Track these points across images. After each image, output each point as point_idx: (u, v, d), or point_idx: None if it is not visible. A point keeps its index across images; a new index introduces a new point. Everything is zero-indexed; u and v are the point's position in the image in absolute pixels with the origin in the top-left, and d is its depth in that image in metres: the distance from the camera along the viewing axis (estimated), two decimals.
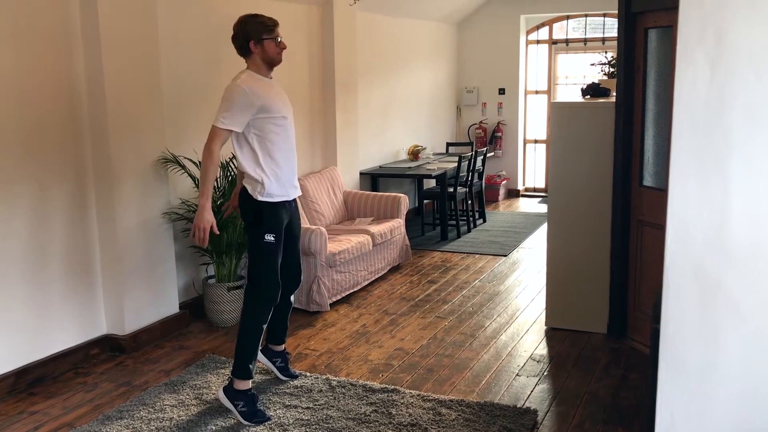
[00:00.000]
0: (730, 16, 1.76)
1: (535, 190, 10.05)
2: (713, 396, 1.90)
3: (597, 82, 4.97)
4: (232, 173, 4.80)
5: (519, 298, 5.42)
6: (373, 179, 7.47)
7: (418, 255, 6.73)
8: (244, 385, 3.51)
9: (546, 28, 9.71)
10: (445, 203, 7.37)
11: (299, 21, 6.18)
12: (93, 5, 4.06)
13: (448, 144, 9.41)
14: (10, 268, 3.85)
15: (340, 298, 5.33)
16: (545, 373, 4.04)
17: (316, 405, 3.61)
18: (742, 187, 1.80)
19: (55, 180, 4.06)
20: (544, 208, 8.59)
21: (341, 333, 4.71)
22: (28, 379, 3.94)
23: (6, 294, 3.83)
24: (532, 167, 10.09)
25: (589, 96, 4.86)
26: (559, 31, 9.69)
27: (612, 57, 5.49)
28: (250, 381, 3.53)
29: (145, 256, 4.49)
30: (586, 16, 9.38)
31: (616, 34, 4.37)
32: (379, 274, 5.91)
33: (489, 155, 9.35)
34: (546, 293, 4.75)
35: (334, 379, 3.89)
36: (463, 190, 7.64)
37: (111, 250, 4.33)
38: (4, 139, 3.77)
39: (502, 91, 9.70)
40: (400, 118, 8.34)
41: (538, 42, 9.77)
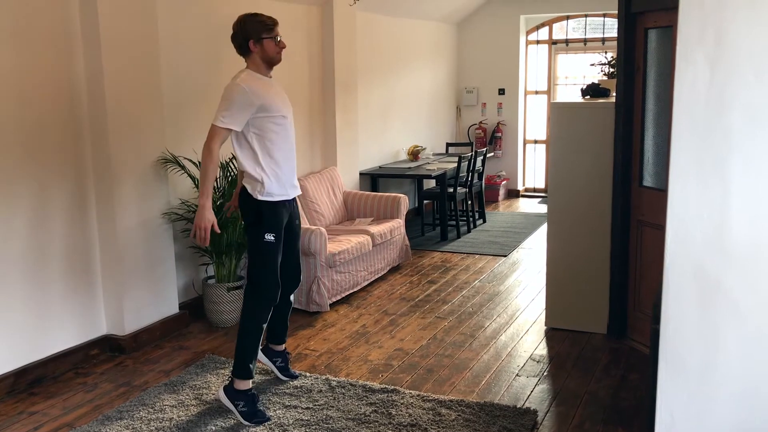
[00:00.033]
0: (730, 16, 1.75)
1: (534, 190, 10.05)
2: (713, 396, 1.90)
3: (597, 82, 4.97)
4: (232, 173, 4.80)
5: (519, 298, 5.42)
6: (373, 179, 7.47)
7: (418, 255, 6.73)
8: (245, 385, 3.51)
9: (546, 29, 9.71)
10: (445, 203, 7.37)
11: (299, 21, 6.18)
12: (93, 5, 4.06)
13: (448, 144, 9.41)
14: (10, 268, 3.85)
15: (339, 298, 5.33)
16: (545, 373, 4.04)
17: (315, 405, 3.61)
18: (742, 187, 1.80)
19: (55, 180, 4.06)
20: (543, 209, 8.59)
21: (341, 333, 4.71)
22: (27, 380, 3.94)
23: (6, 294, 3.83)
24: (532, 167, 10.09)
25: (588, 96, 4.86)
26: (559, 31, 9.69)
27: (612, 57, 5.49)
28: (251, 381, 3.53)
29: (145, 257, 4.49)
30: (586, 16, 9.38)
31: (616, 35, 4.37)
32: (379, 275, 5.91)
33: (489, 155, 9.35)
34: (546, 293, 4.74)
35: (333, 380, 3.89)
36: (463, 190, 7.64)
37: (111, 250, 4.33)
38: (4, 139, 3.77)
39: (501, 91, 9.70)
40: (400, 119, 8.34)
41: (538, 42, 9.78)
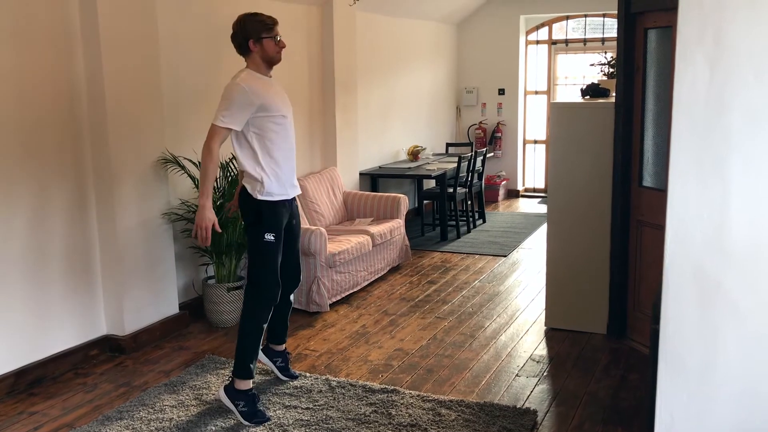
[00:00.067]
0: (730, 17, 1.75)
1: (534, 190, 10.05)
2: (713, 396, 1.90)
3: (596, 82, 4.97)
4: (232, 173, 4.80)
5: (519, 298, 5.42)
6: (373, 179, 7.47)
7: (418, 255, 6.73)
8: (245, 384, 3.51)
9: (546, 29, 9.71)
10: (445, 204, 7.37)
11: (299, 21, 6.18)
12: (93, 5, 4.06)
13: (448, 144, 9.41)
14: (10, 268, 3.85)
15: (339, 298, 5.33)
16: (545, 373, 4.04)
17: (315, 405, 3.61)
18: (742, 187, 1.80)
19: (55, 180, 4.06)
20: (543, 209, 8.59)
21: (341, 333, 4.71)
22: (27, 380, 3.94)
23: (6, 294, 3.83)
24: (532, 168, 10.09)
25: (588, 96, 4.86)
26: (559, 31, 9.69)
27: (611, 57, 5.49)
28: (251, 381, 3.53)
29: (144, 257, 4.49)
30: (586, 16, 9.39)
31: (616, 35, 4.37)
32: (379, 275, 5.91)
33: (489, 156, 9.35)
34: (546, 294, 4.74)
35: (333, 380, 3.89)
36: (463, 190, 7.64)
37: (111, 251, 4.33)
38: (4, 139, 3.77)
39: (501, 91, 9.70)
40: (400, 119, 8.34)
41: (538, 42, 9.78)
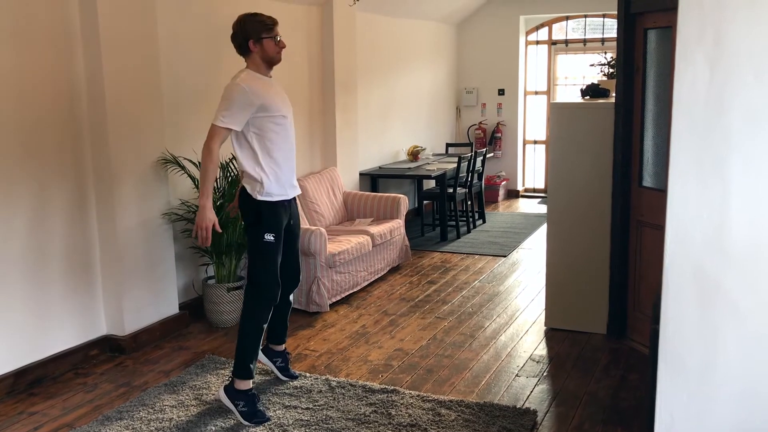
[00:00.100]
0: (730, 17, 1.75)
1: (534, 190, 10.05)
2: (713, 396, 1.90)
3: (596, 82, 4.97)
4: (232, 173, 4.80)
5: (518, 298, 5.42)
6: (373, 180, 7.47)
7: (418, 256, 6.73)
8: (245, 385, 3.51)
9: (545, 29, 9.71)
10: (445, 204, 7.37)
11: (299, 21, 6.18)
12: (92, 5, 4.06)
13: (448, 145, 9.41)
14: (10, 268, 3.85)
15: (339, 298, 5.33)
16: (545, 373, 4.04)
17: (315, 405, 3.61)
18: (742, 187, 1.80)
19: (55, 180, 4.06)
20: (543, 209, 8.59)
21: (341, 333, 4.71)
22: (27, 380, 3.94)
23: (6, 294, 3.83)
24: (532, 168, 10.09)
25: (588, 96, 4.86)
26: (559, 31, 9.70)
27: (611, 58, 5.49)
28: (251, 381, 3.53)
29: (144, 257, 4.49)
30: (586, 16, 9.39)
31: (616, 35, 4.37)
32: (379, 275, 5.91)
33: (488, 156, 9.35)
34: (545, 294, 4.75)
35: (333, 380, 3.89)
36: (463, 190, 7.64)
37: (111, 251, 4.33)
38: (4, 139, 3.77)
39: (501, 91, 9.70)
40: (400, 119, 8.34)
41: (538, 43, 9.78)
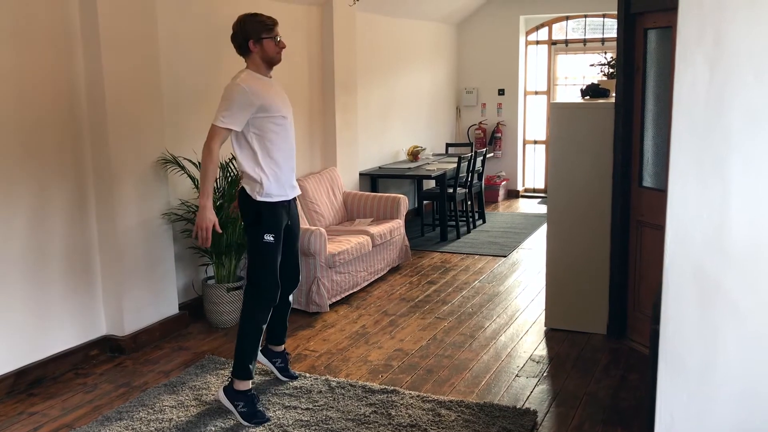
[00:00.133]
0: (730, 17, 1.75)
1: (534, 190, 10.05)
2: (713, 396, 1.90)
3: (596, 82, 4.97)
4: (232, 173, 4.80)
5: (518, 298, 5.42)
6: (373, 180, 7.47)
7: (418, 256, 6.73)
8: (245, 385, 3.51)
9: (545, 29, 9.71)
10: (445, 204, 7.37)
11: (299, 21, 6.18)
12: (92, 5, 4.06)
13: (448, 145, 9.41)
14: (10, 268, 3.84)
15: (339, 298, 5.33)
16: (545, 373, 4.04)
17: (315, 406, 3.61)
18: (742, 187, 1.80)
19: (55, 180, 4.06)
20: (543, 209, 8.59)
21: (341, 334, 4.71)
22: (27, 380, 3.94)
23: (6, 294, 3.83)
24: (532, 168, 10.09)
25: (588, 97, 4.86)
26: (559, 31, 9.70)
27: (611, 58, 5.49)
28: (250, 381, 3.53)
29: (144, 257, 4.49)
30: (586, 16, 9.39)
31: (616, 35, 4.37)
32: (379, 275, 5.91)
33: (488, 156, 9.35)
34: (545, 294, 4.74)
35: (333, 380, 3.89)
36: (463, 190, 7.64)
37: (111, 251, 4.33)
38: (4, 139, 3.77)
39: (501, 91, 9.70)
40: (400, 119, 8.34)
41: (538, 43, 9.78)
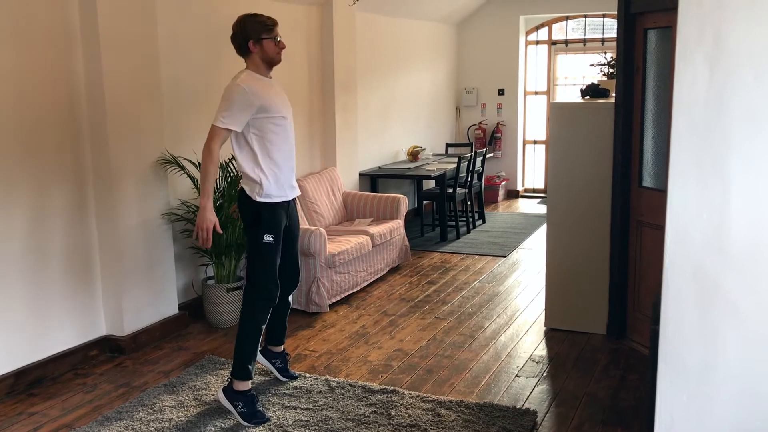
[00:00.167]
0: (730, 17, 1.75)
1: (534, 190, 10.05)
2: (713, 396, 1.90)
3: (596, 82, 4.97)
4: (232, 174, 4.80)
5: (518, 298, 5.42)
6: (373, 180, 7.47)
7: (418, 256, 6.73)
8: (244, 386, 3.50)
9: (545, 29, 9.71)
10: (445, 204, 7.37)
11: (299, 21, 6.18)
12: (92, 5, 4.06)
13: (448, 145, 9.41)
14: (10, 268, 3.84)
15: (339, 299, 5.33)
16: (544, 374, 4.04)
17: (315, 406, 3.61)
18: (742, 187, 1.80)
19: (54, 180, 4.06)
20: (543, 209, 8.59)
21: (340, 334, 4.71)
22: (27, 380, 3.94)
23: (5, 294, 3.82)
24: (532, 168, 10.09)
25: (588, 97, 4.86)
26: (559, 31, 9.69)
27: (611, 58, 5.49)
28: (250, 382, 3.53)
29: (144, 257, 4.49)
30: (586, 16, 9.39)
31: (616, 35, 4.37)
32: (379, 275, 5.91)
33: (488, 156, 9.34)
34: (545, 294, 4.74)
35: (333, 380, 3.89)
36: (463, 190, 7.64)
37: (110, 251, 4.33)
38: (4, 139, 3.77)
39: (501, 91, 9.70)
40: (400, 119, 8.34)
41: (538, 43, 9.78)
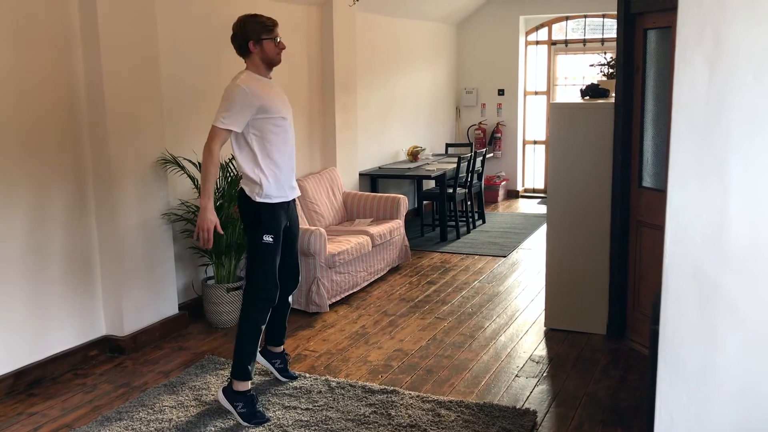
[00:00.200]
0: (729, 17, 1.75)
1: (534, 191, 10.05)
2: (712, 397, 1.90)
3: (596, 82, 4.97)
4: (232, 174, 4.80)
5: (518, 299, 5.42)
6: (373, 180, 7.47)
7: (418, 256, 6.73)
8: (244, 386, 3.50)
9: (545, 29, 9.71)
10: (445, 204, 7.37)
11: (298, 22, 6.18)
12: (92, 6, 4.06)
13: (448, 145, 9.41)
14: (10, 268, 3.84)
15: (339, 299, 5.33)
16: (544, 374, 4.04)
17: (315, 406, 3.61)
18: (741, 188, 1.80)
19: (54, 180, 4.06)
20: (543, 209, 8.59)
21: (340, 334, 4.71)
22: (27, 381, 3.94)
23: (5, 294, 3.82)
24: (532, 168, 10.09)
25: (588, 97, 4.85)
26: (559, 31, 9.69)
27: (611, 58, 5.49)
28: (250, 382, 3.53)
29: (144, 257, 4.49)
30: (585, 16, 9.39)
31: (615, 35, 4.37)
32: (379, 275, 5.91)
33: (488, 156, 9.34)
34: (545, 294, 4.74)
35: (333, 380, 3.89)
36: (463, 191, 7.64)
37: (110, 251, 4.33)
38: (4, 139, 3.77)
39: (501, 92, 9.70)
40: (400, 119, 8.34)
41: (538, 43, 9.78)
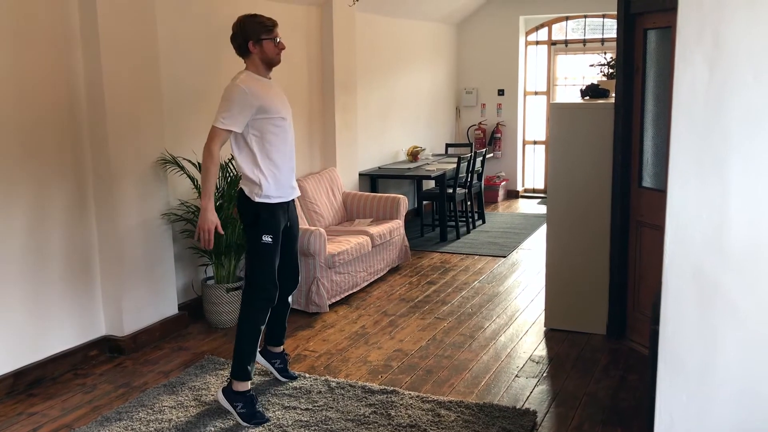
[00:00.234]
0: (729, 17, 1.75)
1: (534, 191, 10.05)
2: (712, 397, 1.90)
3: (596, 83, 4.97)
4: (232, 174, 4.80)
5: (518, 299, 5.42)
6: (373, 180, 7.47)
7: (417, 256, 6.73)
8: (243, 386, 3.50)
9: (545, 29, 9.72)
10: (444, 204, 7.37)
11: (298, 22, 6.18)
12: (92, 6, 4.06)
13: (448, 145, 9.41)
14: (10, 268, 3.84)
15: (339, 299, 5.33)
16: (544, 374, 4.03)
17: (315, 406, 3.61)
18: (741, 188, 1.80)
19: (54, 180, 4.06)
20: (543, 209, 8.59)
21: (340, 334, 4.71)
22: (26, 381, 3.93)
23: (5, 294, 3.82)
24: (532, 168, 10.09)
25: (588, 97, 4.85)
26: (559, 32, 9.70)
27: (611, 58, 5.49)
28: (249, 382, 3.53)
29: (144, 257, 4.49)
30: (585, 17, 9.39)
31: (615, 35, 4.37)
32: (379, 275, 5.91)
33: (488, 156, 9.34)
34: (545, 294, 4.74)
35: (333, 381, 3.89)
36: (463, 191, 7.64)
37: (110, 251, 4.33)
38: (4, 139, 3.77)
39: (501, 92, 9.70)
40: (400, 119, 8.34)
41: (538, 43, 9.78)
